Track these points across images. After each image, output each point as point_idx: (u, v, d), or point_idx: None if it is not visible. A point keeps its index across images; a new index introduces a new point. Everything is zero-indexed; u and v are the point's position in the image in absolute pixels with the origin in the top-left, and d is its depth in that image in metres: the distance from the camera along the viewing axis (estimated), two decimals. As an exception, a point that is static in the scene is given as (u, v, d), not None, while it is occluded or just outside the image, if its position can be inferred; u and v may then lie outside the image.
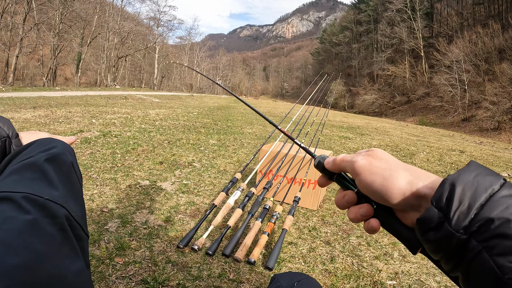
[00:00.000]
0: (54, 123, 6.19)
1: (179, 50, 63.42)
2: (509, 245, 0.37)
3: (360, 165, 0.54)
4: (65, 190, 0.60)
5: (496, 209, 0.39)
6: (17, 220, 0.47)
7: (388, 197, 0.50)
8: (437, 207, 0.43)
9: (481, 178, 0.43)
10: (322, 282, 2.12)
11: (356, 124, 13.95)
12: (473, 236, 0.40)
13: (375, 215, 0.54)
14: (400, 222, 0.52)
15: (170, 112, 10.54)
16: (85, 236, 0.58)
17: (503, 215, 0.38)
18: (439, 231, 0.42)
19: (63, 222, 0.52)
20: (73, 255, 0.50)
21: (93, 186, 3.31)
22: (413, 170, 0.51)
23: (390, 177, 0.51)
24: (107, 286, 1.85)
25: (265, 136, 7.40)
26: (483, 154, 8.70)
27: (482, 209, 0.40)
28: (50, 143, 0.72)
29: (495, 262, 0.37)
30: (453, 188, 0.42)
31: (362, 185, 0.53)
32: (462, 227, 0.40)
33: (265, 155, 3.39)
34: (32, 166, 0.61)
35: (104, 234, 2.39)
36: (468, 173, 0.44)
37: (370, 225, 0.53)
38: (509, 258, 0.36)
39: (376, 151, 0.56)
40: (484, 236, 0.39)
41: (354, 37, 78.33)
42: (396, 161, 0.54)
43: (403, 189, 0.49)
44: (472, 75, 42.30)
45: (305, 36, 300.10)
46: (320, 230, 2.87)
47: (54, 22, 29.36)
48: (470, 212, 0.40)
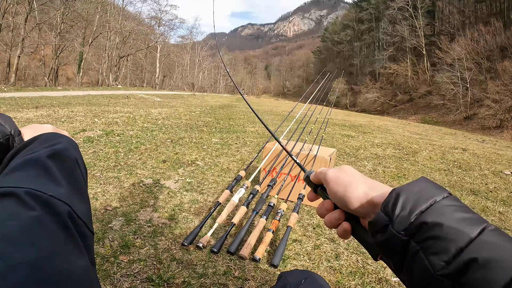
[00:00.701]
0: (56, 123, 6.19)
1: (180, 49, 63.45)
2: (441, 245, 0.42)
3: (329, 176, 0.63)
4: (68, 186, 0.59)
5: (433, 215, 0.45)
6: (22, 216, 0.46)
7: (349, 204, 0.58)
8: (384, 212, 0.49)
9: (425, 190, 0.49)
10: (327, 279, 2.11)
11: (358, 123, 13.93)
12: (412, 238, 0.45)
13: (346, 219, 0.61)
14: (365, 229, 0.58)
15: (172, 111, 10.55)
16: (90, 233, 0.57)
17: (437, 219, 0.44)
18: (385, 233, 0.48)
19: (66, 220, 0.51)
20: (78, 253, 0.49)
21: (96, 184, 3.30)
22: (371, 183, 0.59)
23: (349, 187, 0.59)
24: (112, 284, 1.85)
25: (268, 134, 7.39)
26: (485, 152, 8.67)
27: (421, 214, 0.45)
28: (54, 139, 0.71)
29: (429, 261, 0.42)
30: (397, 197, 0.49)
31: (331, 193, 0.62)
32: (403, 229, 0.46)
33: (269, 153, 3.38)
34: (35, 162, 0.60)
35: (109, 232, 2.39)
36: (414, 185, 0.50)
37: (342, 227, 0.60)
38: (441, 256, 0.42)
39: (345, 167, 0.65)
40: (421, 237, 0.44)
41: (356, 36, 78.24)
42: (360, 175, 0.62)
43: (360, 198, 0.57)
44: (474, 73, 42.20)
45: (306, 35, 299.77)
46: (325, 227, 2.86)
47: (55, 22, 29.41)
48: (410, 216, 0.46)
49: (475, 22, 50.75)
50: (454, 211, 0.45)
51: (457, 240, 0.41)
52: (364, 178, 0.60)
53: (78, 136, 5.07)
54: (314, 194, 0.71)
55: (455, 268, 0.40)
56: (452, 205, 0.46)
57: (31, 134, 0.78)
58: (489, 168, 6.22)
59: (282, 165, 3.22)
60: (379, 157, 6.18)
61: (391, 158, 6.22)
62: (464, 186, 4.76)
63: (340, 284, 2.09)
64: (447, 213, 0.44)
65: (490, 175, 5.63)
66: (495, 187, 4.86)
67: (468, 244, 0.40)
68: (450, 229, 0.42)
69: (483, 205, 3.95)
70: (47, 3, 27.90)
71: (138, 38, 44.19)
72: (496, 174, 5.75)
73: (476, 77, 42.28)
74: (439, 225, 0.43)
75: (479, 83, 41.60)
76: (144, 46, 45.17)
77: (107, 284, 1.84)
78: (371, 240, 0.52)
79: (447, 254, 0.41)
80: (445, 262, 0.41)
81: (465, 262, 0.39)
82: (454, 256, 0.40)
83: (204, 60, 67.55)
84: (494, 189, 4.77)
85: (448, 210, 0.45)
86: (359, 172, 0.63)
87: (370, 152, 6.65)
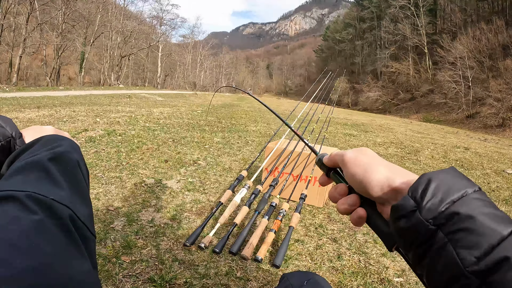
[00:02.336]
0: (58, 123, 6.19)
1: (182, 48, 63.51)
2: (473, 239, 0.39)
3: (347, 158, 0.59)
4: (70, 189, 0.59)
5: (465, 207, 0.42)
6: (24, 220, 0.46)
7: (368, 188, 0.54)
8: (412, 196, 0.46)
9: (457, 180, 0.46)
10: (329, 280, 2.11)
11: (360, 121, 13.92)
12: (440, 228, 0.42)
13: (362, 205, 0.58)
14: (381, 217, 0.55)
15: (174, 110, 10.55)
16: (92, 236, 0.57)
17: (470, 212, 0.41)
18: (410, 219, 0.45)
19: (68, 223, 0.51)
20: (80, 257, 0.49)
21: (98, 184, 3.31)
22: (393, 167, 0.56)
23: (370, 170, 0.55)
24: (114, 285, 1.85)
25: (270, 134, 7.40)
26: (487, 151, 8.66)
27: (453, 204, 0.43)
28: (56, 141, 0.70)
29: (459, 255, 0.40)
30: (429, 182, 0.46)
31: (348, 176, 0.59)
32: (432, 218, 0.43)
33: (271, 153, 3.38)
34: (36, 165, 0.60)
35: (110, 232, 2.39)
36: (446, 173, 0.47)
37: (357, 213, 0.57)
38: (472, 252, 0.39)
39: (364, 148, 0.61)
40: (451, 229, 0.41)
41: (358, 34, 78.10)
42: (380, 158, 0.59)
43: (381, 182, 0.53)
44: (476, 72, 42.06)
45: (308, 34, 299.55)
46: (327, 227, 2.87)
47: (57, 22, 29.46)
48: (441, 205, 0.43)
49: (477, 21, 50.57)
50: (484, 206, 0.42)
51: (489, 236, 0.39)
52: (385, 162, 0.58)
53: (80, 136, 5.07)
54: (327, 178, 0.68)
55: (486, 265, 0.38)
56: (483, 200, 0.43)
57: (32, 136, 0.77)
58: (491, 167, 6.21)
59: (284, 165, 3.22)
60: (381, 156, 6.17)
61: (393, 157, 6.21)
62: (467, 185, 4.74)
63: (342, 284, 2.09)
64: (479, 206, 0.42)
65: (493, 174, 5.62)
66: (497, 186, 4.85)
67: (500, 242, 0.38)
68: (483, 223, 0.40)
69: (486, 205, 3.94)
70: (49, 3, 27.98)
71: (139, 37, 44.26)
72: (499, 173, 5.74)
73: (478, 76, 42.15)
74: (471, 218, 0.41)
75: (481, 81, 41.47)
76: (146, 45, 45.23)
77: (109, 285, 1.84)
78: (391, 227, 0.49)
79: (479, 249, 0.39)
80: (476, 258, 0.38)
81: (497, 260, 0.37)
82: (486, 252, 0.38)
83: (205, 59, 67.55)
84: (496, 188, 4.76)
85: (478, 204, 0.42)
86: (379, 156, 0.60)
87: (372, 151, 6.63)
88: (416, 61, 56.26)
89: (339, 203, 0.60)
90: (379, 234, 0.55)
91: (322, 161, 0.67)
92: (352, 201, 0.58)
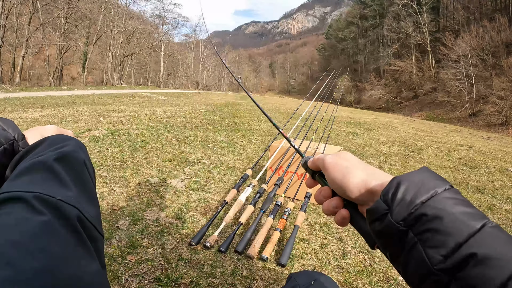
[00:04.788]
0: (61, 122, 6.20)
1: (184, 47, 63.57)
2: (440, 239, 0.41)
3: (327, 163, 0.62)
4: (77, 190, 0.59)
5: (433, 207, 0.44)
6: (31, 221, 0.46)
7: (347, 191, 0.57)
8: (383, 200, 0.48)
9: (427, 180, 0.48)
10: (335, 278, 2.11)
11: (363, 120, 13.90)
12: (410, 229, 0.44)
13: (345, 207, 0.60)
14: (363, 217, 0.57)
15: (177, 109, 10.55)
16: (100, 236, 0.57)
17: (437, 212, 0.43)
18: (383, 221, 0.47)
19: (75, 224, 0.51)
20: (88, 257, 0.49)
21: (102, 184, 3.31)
22: (370, 169, 0.58)
23: (348, 174, 0.57)
24: (120, 285, 1.85)
25: (273, 132, 7.40)
26: (491, 149, 8.64)
27: (422, 206, 0.44)
28: (61, 141, 0.70)
29: (427, 254, 0.42)
30: (398, 186, 0.47)
31: (329, 180, 0.61)
32: (401, 219, 0.45)
33: (275, 151, 3.38)
34: (42, 166, 0.59)
35: (116, 232, 2.39)
36: (416, 175, 0.49)
37: (340, 215, 0.59)
38: (439, 250, 0.41)
39: (344, 153, 0.64)
40: (419, 229, 0.44)
41: (360, 32, 77.92)
42: (358, 162, 0.61)
43: (359, 185, 0.55)
44: (479, 70, 41.93)
45: (310, 32, 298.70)
46: (331, 226, 2.86)
47: (59, 22, 29.46)
48: (410, 206, 0.45)
49: (480, 18, 50.40)
50: (454, 204, 0.44)
51: (456, 235, 0.41)
52: (363, 165, 0.60)
53: (83, 136, 5.08)
54: (312, 180, 0.71)
55: (453, 262, 0.40)
56: (453, 198, 0.45)
57: (35, 137, 0.77)
58: (495, 166, 6.19)
59: (288, 163, 3.21)
60: (384, 155, 6.17)
61: (396, 156, 6.20)
62: (470, 184, 4.74)
63: (347, 283, 2.09)
64: (447, 206, 0.44)
65: (496, 173, 5.61)
66: (501, 185, 4.84)
67: (467, 239, 0.40)
68: (450, 222, 0.42)
69: (489, 203, 3.93)
70: (51, 3, 27.99)
71: (142, 37, 44.25)
72: (502, 172, 5.73)
73: (481, 74, 42.01)
74: (439, 218, 0.42)
75: (484, 79, 41.34)
76: (148, 45, 45.24)
77: (115, 285, 1.84)
78: (369, 228, 0.52)
79: (445, 248, 0.41)
80: (443, 256, 0.41)
81: (464, 257, 0.39)
82: (452, 250, 0.40)
83: (208, 58, 67.52)
84: (500, 186, 4.74)
85: (448, 203, 0.44)
86: (358, 159, 0.62)
87: (375, 149, 6.63)
88: (419, 59, 56.14)
89: (324, 205, 0.62)
90: (361, 233, 0.58)
91: (307, 164, 0.70)
92: (335, 203, 0.60)
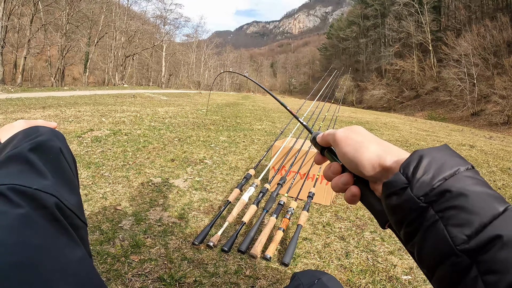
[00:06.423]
0: (64, 123, 6.21)
1: (186, 47, 63.59)
2: (464, 217, 0.39)
3: (338, 137, 0.59)
4: (54, 178, 0.58)
5: (457, 184, 0.41)
6: (8, 215, 0.45)
7: (360, 167, 0.54)
8: (403, 173, 0.45)
9: (449, 157, 0.45)
10: (338, 278, 2.11)
11: (365, 119, 13.90)
12: (431, 205, 0.42)
13: (355, 183, 0.58)
14: (374, 195, 0.55)
15: (179, 109, 10.56)
16: (83, 224, 0.56)
17: (462, 189, 0.40)
18: (401, 195, 0.44)
19: (54, 212, 0.50)
20: (72, 244, 0.49)
21: (105, 184, 3.31)
22: (385, 145, 0.54)
23: (361, 149, 0.54)
24: (123, 284, 1.85)
25: (275, 132, 7.40)
26: (493, 148, 8.63)
27: (444, 182, 0.42)
28: (35, 132, 0.69)
29: (449, 233, 0.39)
30: (421, 159, 0.45)
31: (340, 155, 0.58)
32: (423, 195, 0.42)
33: (278, 151, 3.38)
34: (16, 158, 0.59)
35: (119, 232, 2.40)
36: (438, 151, 0.46)
37: (350, 192, 0.57)
38: (463, 229, 0.38)
39: (356, 127, 0.60)
40: (442, 206, 0.41)
41: (362, 32, 77.95)
42: (372, 136, 0.57)
43: (372, 160, 0.52)
44: (481, 69, 41.87)
45: (312, 32, 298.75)
46: (334, 225, 2.86)
47: (61, 23, 29.47)
48: (432, 182, 0.42)
49: (482, 17, 50.40)
50: (477, 184, 0.41)
51: (481, 214, 0.38)
52: (377, 139, 0.56)
53: (85, 136, 5.08)
54: (321, 156, 0.68)
55: (477, 243, 0.37)
56: (475, 178, 0.42)
57: (7, 134, 0.75)
58: (497, 165, 6.18)
59: (291, 163, 3.22)
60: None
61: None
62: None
63: (350, 282, 2.09)
64: (470, 185, 0.41)
65: (498, 172, 5.60)
66: (504, 184, 4.83)
67: (492, 220, 0.37)
68: (475, 201, 0.39)
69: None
70: (52, 4, 28.01)
71: (143, 37, 44.30)
72: (504, 171, 5.72)
73: (483, 73, 41.97)
74: (464, 196, 0.40)
75: (486, 79, 41.30)
76: (150, 45, 45.25)
77: (118, 284, 1.85)
78: (382, 205, 0.49)
79: (470, 227, 0.38)
80: (467, 236, 0.38)
81: (489, 239, 0.37)
82: (477, 231, 0.37)
83: (209, 58, 67.60)
84: (502, 186, 4.74)
85: (471, 182, 0.41)
86: (371, 133, 0.59)
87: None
88: (420, 58, 56.13)
89: (333, 181, 0.60)
90: (372, 211, 0.55)
91: (316, 140, 0.67)
92: (345, 179, 0.58)
